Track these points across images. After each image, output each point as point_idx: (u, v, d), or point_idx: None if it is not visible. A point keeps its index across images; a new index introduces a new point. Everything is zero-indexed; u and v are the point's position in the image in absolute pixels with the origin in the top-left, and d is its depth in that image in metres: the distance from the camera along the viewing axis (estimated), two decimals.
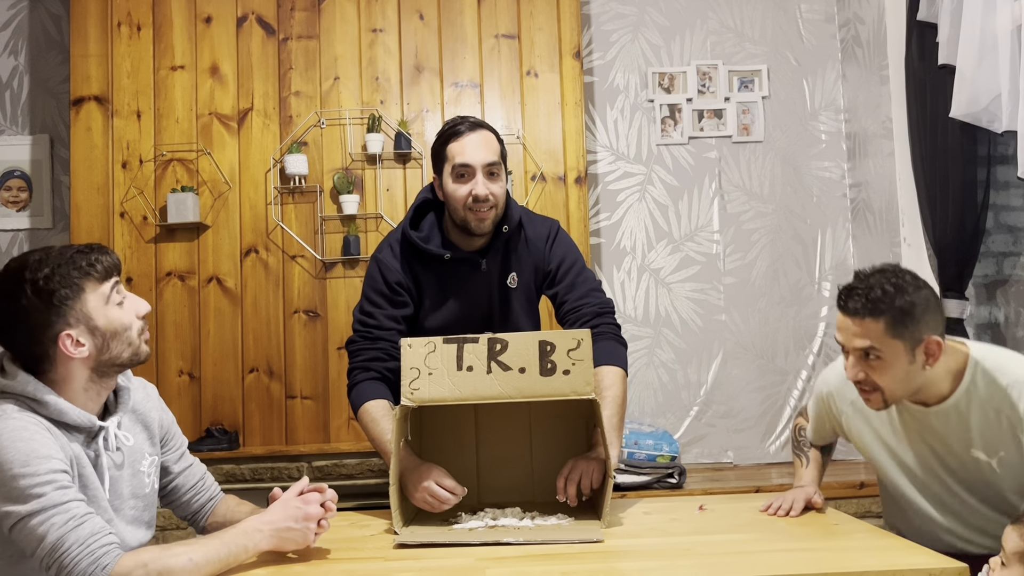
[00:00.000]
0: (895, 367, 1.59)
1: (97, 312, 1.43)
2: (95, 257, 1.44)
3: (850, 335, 1.61)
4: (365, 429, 1.88)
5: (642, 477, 2.95)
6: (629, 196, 3.64)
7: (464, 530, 1.62)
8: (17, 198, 3.56)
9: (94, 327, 1.42)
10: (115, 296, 1.46)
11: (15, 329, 1.40)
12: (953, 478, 1.72)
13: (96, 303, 1.43)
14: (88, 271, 1.42)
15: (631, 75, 3.67)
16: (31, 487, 1.30)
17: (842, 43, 3.68)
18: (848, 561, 1.33)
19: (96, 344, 1.43)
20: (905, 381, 1.61)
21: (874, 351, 1.58)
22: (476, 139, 1.92)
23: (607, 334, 1.98)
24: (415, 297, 2.00)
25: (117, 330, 1.44)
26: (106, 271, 1.44)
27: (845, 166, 3.67)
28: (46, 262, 1.40)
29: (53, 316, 1.39)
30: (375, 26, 3.42)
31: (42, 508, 1.29)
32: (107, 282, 1.45)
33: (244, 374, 3.30)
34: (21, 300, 1.38)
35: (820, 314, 3.62)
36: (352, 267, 3.35)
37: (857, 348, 1.60)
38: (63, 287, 1.39)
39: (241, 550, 1.41)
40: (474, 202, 1.90)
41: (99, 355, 1.44)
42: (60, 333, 1.39)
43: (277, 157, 3.35)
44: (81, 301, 1.41)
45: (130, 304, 1.48)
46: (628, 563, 1.41)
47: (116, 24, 3.35)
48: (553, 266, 2.06)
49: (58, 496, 1.31)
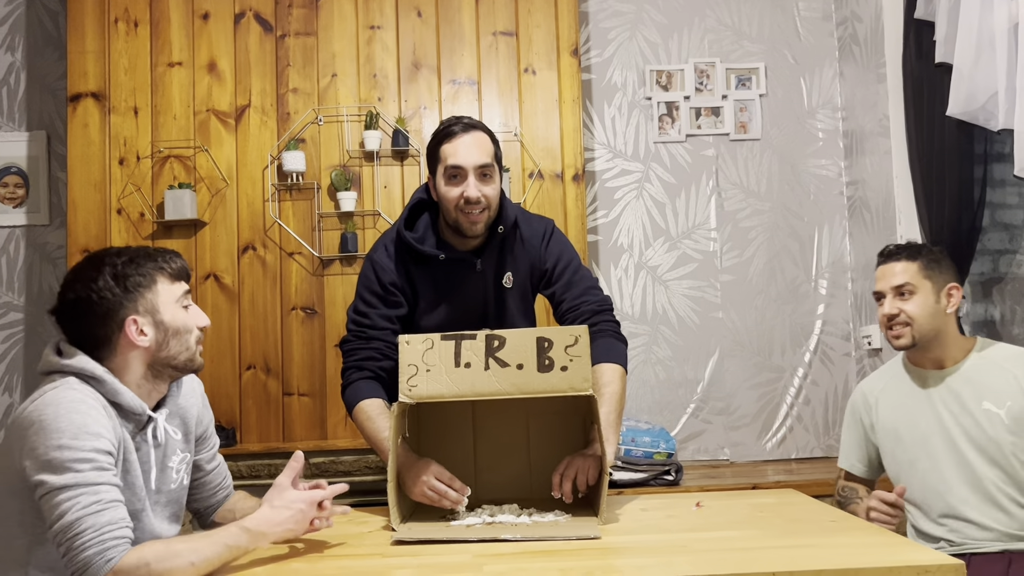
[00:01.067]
0: (925, 302, 1.98)
1: (165, 307, 1.51)
2: (170, 257, 1.55)
3: (889, 276, 2.02)
4: (360, 427, 1.88)
5: (639, 474, 2.96)
6: (626, 194, 3.65)
7: (462, 527, 1.62)
8: (14, 194, 3.56)
9: (159, 320, 1.50)
10: (183, 299, 1.54)
11: (87, 310, 1.47)
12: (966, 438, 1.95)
13: (166, 298, 1.52)
14: (163, 267, 1.52)
15: (629, 73, 3.68)
16: (70, 461, 1.33)
17: (839, 41, 3.69)
18: (845, 557, 1.34)
19: (158, 338, 1.50)
20: (931, 317, 1.98)
21: (908, 286, 1.99)
22: (469, 140, 1.92)
23: (607, 331, 1.98)
24: (410, 297, 2.00)
25: (179, 329, 1.52)
26: (178, 273, 1.55)
27: (842, 164, 3.67)
28: (126, 252, 1.51)
29: (125, 300, 1.47)
30: (373, 23, 3.42)
31: (74, 484, 1.32)
32: (178, 283, 1.55)
33: (241, 371, 3.30)
34: (98, 281, 1.46)
35: (817, 311, 3.63)
36: (350, 264, 3.35)
37: (895, 285, 2.00)
38: (138, 274, 1.49)
39: (242, 552, 1.42)
40: (465, 204, 1.90)
41: (158, 350, 1.51)
42: (128, 317, 1.47)
43: (275, 154, 3.35)
44: (152, 292, 1.50)
45: (194, 312, 1.57)
46: (625, 559, 1.41)
47: (113, 20, 3.34)
48: (549, 265, 2.06)
49: (92, 476, 1.34)
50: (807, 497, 1.92)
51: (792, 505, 1.83)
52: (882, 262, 2.06)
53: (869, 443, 2.14)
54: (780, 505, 1.83)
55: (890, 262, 2.04)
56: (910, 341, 2.00)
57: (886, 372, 2.17)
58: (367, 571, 1.41)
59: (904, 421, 2.05)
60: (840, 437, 2.26)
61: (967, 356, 2.02)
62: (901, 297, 2.00)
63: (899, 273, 2.00)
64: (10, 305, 3.54)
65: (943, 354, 2.03)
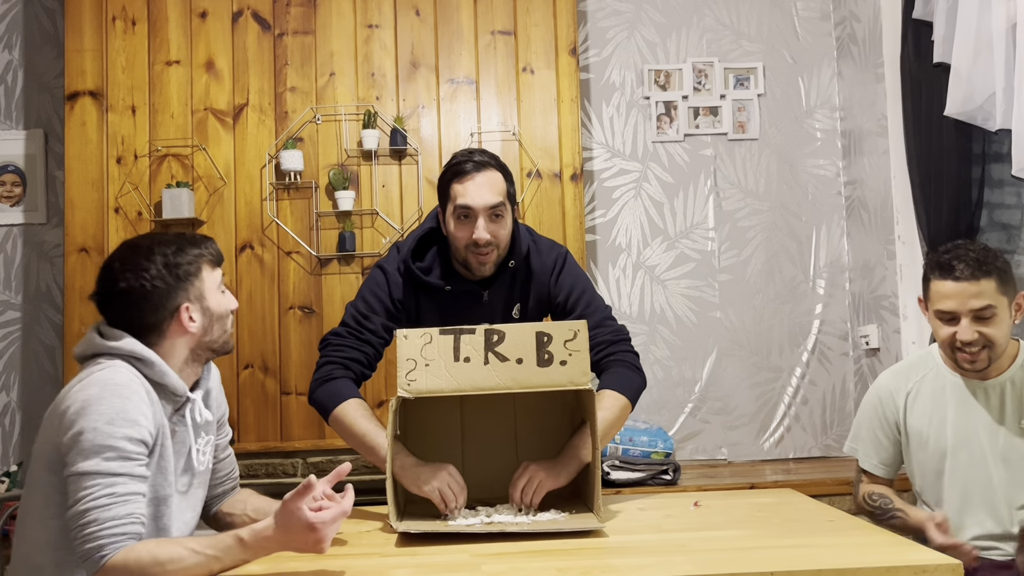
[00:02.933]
0: (1005, 321, 1.79)
1: (210, 293, 1.58)
2: (209, 243, 1.60)
3: (965, 298, 1.77)
4: (347, 426, 1.83)
5: (637, 473, 2.95)
6: (624, 193, 3.64)
7: (461, 526, 1.61)
8: (11, 193, 3.55)
9: (206, 307, 1.57)
10: (222, 284, 1.61)
11: (141, 299, 1.51)
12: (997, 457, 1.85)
13: (210, 285, 1.58)
14: (204, 254, 1.58)
15: (627, 72, 3.67)
16: (98, 446, 1.37)
17: (838, 41, 3.69)
18: (843, 557, 1.34)
19: (204, 323, 1.56)
20: (1007, 336, 1.81)
21: (991, 308, 1.77)
22: (481, 180, 1.88)
23: (624, 362, 1.93)
24: (413, 319, 2.00)
25: (222, 315, 1.59)
26: (217, 258, 1.61)
27: (840, 164, 3.67)
28: (173, 241, 1.57)
29: (179, 289, 1.53)
30: (371, 22, 3.42)
31: (95, 472, 1.36)
32: (217, 269, 1.60)
33: (239, 370, 3.29)
34: (150, 271, 1.51)
35: (815, 311, 3.63)
36: (347, 263, 3.34)
37: (974, 308, 1.77)
38: (187, 263, 1.55)
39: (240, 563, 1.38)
40: (475, 246, 1.89)
41: (203, 335, 1.57)
42: (181, 305, 1.53)
43: (272, 153, 3.35)
44: (200, 279, 1.56)
45: (228, 296, 1.63)
46: (623, 559, 1.41)
47: (111, 19, 3.33)
48: (561, 298, 2.02)
49: (115, 466, 1.37)
50: (805, 497, 1.92)
51: (790, 505, 1.83)
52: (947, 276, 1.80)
53: (895, 443, 2.01)
54: (778, 505, 1.83)
55: (963, 281, 1.77)
56: (986, 364, 1.81)
57: (916, 369, 1.99)
58: (366, 570, 1.41)
59: (934, 428, 1.92)
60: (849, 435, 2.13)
61: (1012, 363, 1.86)
62: (981, 320, 1.77)
63: (979, 295, 1.76)
64: (7, 304, 3.53)
65: (994, 367, 1.86)
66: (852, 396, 3.59)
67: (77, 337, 3.23)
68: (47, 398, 3.46)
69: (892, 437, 2.01)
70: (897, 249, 3.21)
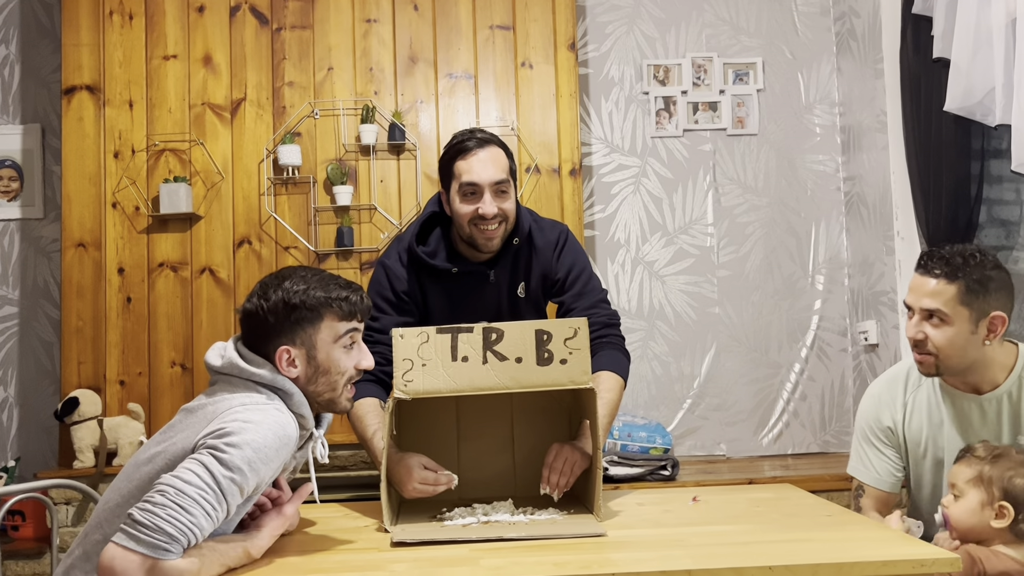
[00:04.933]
0: (956, 334, 1.66)
1: (323, 344, 1.51)
2: (347, 295, 1.52)
3: (920, 294, 1.69)
4: (353, 426, 1.87)
5: (635, 469, 2.95)
6: (623, 188, 3.64)
7: (457, 527, 1.60)
8: (8, 188, 3.54)
9: (312, 355, 1.51)
10: (346, 339, 1.53)
11: (256, 326, 1.51)
12: None
13: (326, 336, 1.51)
14: (333, 304, 1.51)
15: (626, 67, 3.67)
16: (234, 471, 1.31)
17: (837, 36, 3.68)
18: (841, 552, 1.34)
19: (307, 372, 1.51)
20: (962, 350, 1.67)
21: (940, 313, 1.66)
22: (484, 156, 1.89)
23: (614, 344, 1.97)
24: (421, 307, 2.00)
25: (330, 370, 1.52)
26: (350, 312, 1.53)
27: (839, 159, 3.67)
28: (306, 279, 1.52)
29: (285, 328, 1.49)
30: (369, 16, 3.41)
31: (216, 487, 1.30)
32: (346, 322, 1.53)
33: None
34: (271, 301, 1.49)
35: (813, 307, 3.63)
36: (345, 258, 3.34)
37: (924, 308, 1.68)
38: (306, 308, 1.49)
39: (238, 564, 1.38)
40: (480, 220, 1.89)
41: (306, 384, 1.51)
42: (281, 346, 1.49)
43: (270, 148, 3.34)
44: (314, 328, 1.50)
45: (356, 354, 1.56)
46: (622, 554, 1.41)
47: (108, 13, 3.32)
48: (561, 275, 2.04)
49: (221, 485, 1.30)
50: (803, 492, 1.92)
51: (788, 500, 1.83)
52: (919, 270, 1.72)
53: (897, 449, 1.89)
54: (776, 500, 1.83)
55: (926, 276, 1.68)
56: (932, 372, 1.72)
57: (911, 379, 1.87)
58: (365, 565, 1.40)
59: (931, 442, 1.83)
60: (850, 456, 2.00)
61: (1008, 375, 1.73)
62: (930, 320, 1.68)
63: (931, 294, 1.66)
64: (4, 299, 3.53)
65: (980, 380, 1.74)
66: (851, 392, 3.59)
67: (74, 332, 3.22)
68: (44, 393, 3.47)
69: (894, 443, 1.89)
70: (896, 245, 3.21)
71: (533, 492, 1.76)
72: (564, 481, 1.72)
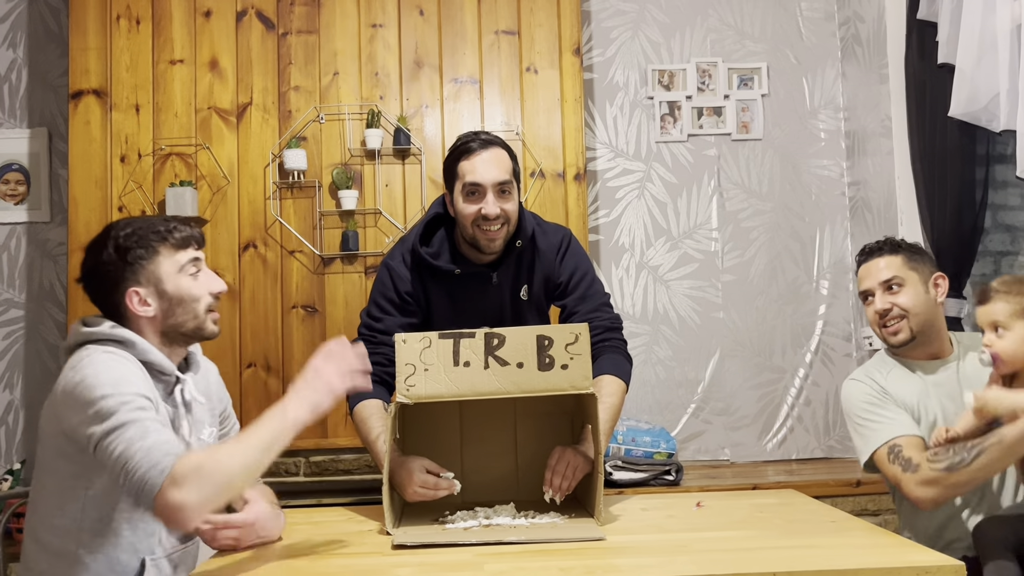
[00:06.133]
0: (916, 292, 1.93)
1: (168, 277, 1.54)
2: (174, 226, 1.56)
3: (875, 272, 1.97)
4: (357, 429, 1.89)
5: (639, 474, 2.95)
6: (628, 193, 3.64)
7: (459, 530, 1.60)
8: (15, 191, 3.56)
9: (162, 290, 1.54)
10: (189, 267, 1.56)
11: (95, 280, 1.55)
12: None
13: (168, 268, 1.54)
14: (165, 236, 1.54)
15: (631, 72, 3.67)
16: (113, 406, 1.38)
17: (842, 41, 3.68)
18: (845, 558, 1.34)
19: (162, 307, 1.54)
20: (925, 307, 1.93)
21: (897, 279, 1.94)
22: (487, 157, 1.90)
23: (616, 349, 1.97)
24: (424, 308, 2.00)
25: (184, 298, 1.55)
26: (183, 241, 1.56)
27: (844, 164, 3.67)
28: (132, 224, 1.55)
29: (126, 272, 1.53)
30: (375, 21, 3.42)
31: (119, 424, 1.37)
32: (183, 251, 1.56)
33: (242, 369, 3.29)
34: (103, 254, 1.53)
35: (818, 312, 3.62)
36: (350, 263, 3.35)
37: (883, 280, 1.95)
38: (139, 247, 1.53)
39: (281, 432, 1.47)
40: (483, 220, 1.89)
41: (165, 319, 1.55)
42: (128, 289, 1.52)
43: (276, 152, 3.35)
44: (154, 263, 1.54)
45: (204, 279, 1.59)
46: (625, 559, 1.41)
47: (115, 17, 3.34)
48: (564, 278, 2.04)
49: (135, 415, 1.38)
50: (807, 497, 1.91)
51: (792, 506, 1.83)
52: (863, 260, 2.02)
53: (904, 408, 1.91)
54: (780, 505, 1.83)
55: (872, 259, 1.99)
56: (908, 335, 1.93)
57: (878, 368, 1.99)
58: (368, 569, 1.41)
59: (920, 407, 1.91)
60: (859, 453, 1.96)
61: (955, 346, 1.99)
62: (891, 291, 1.94)
63: (884, 268, 1.96)
64: (11, 302, 3.54)
65: (940, 346, 1.98)
66: None
67: None
68: None
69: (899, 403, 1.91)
70: None
71: (535, 496, 1.76)
72: (566, 484, 1.72)
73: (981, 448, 1.68)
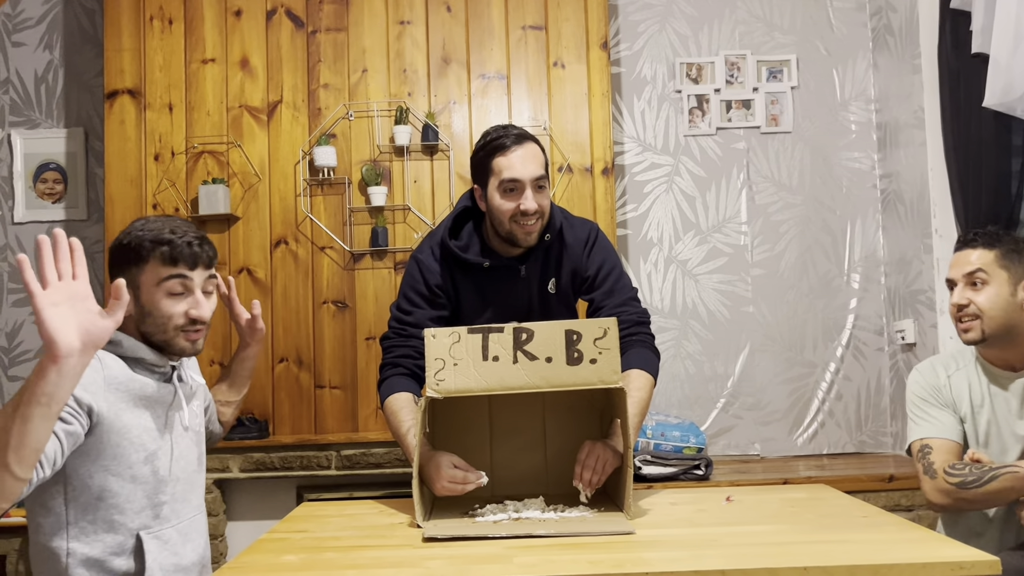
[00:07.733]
0: (998, 293, 1.83)
1: (145, 287, 1.57)
2: (171, 239, 1.56)
3: (963, 263, 1.88)
4: (387, 421, 1.91)
5: (668, 468, 2.95)
6: (656, 187, 3.63)
7: (488, 523, 1.62)
8: (53, 190, 3.63)
9: (137, 296, 1.58)
10: (170, 284, 1.57)
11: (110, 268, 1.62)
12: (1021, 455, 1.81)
13: (148, 279, 1.57)
14: (158, 246, 1.56)
15: (658, 66, 3.66)
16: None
17: (873, 32, 3.64)
18: (878, 553, 1.33)
19: (136, 313, 1.58)
20: (1004, 311, 1.83)
21: (981, 273, 1.84)
22: (524, 153, 1.90)
23: (644, 343, 1.97)
24: (453, 301, 2.02)
25: (152, 313, 1.58)
26: (172, 258, 1.56)
27: (875, 156, 3.62)
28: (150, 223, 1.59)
29: (119, 268, 1.58)
30: (403, 18, 3.44)
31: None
32: (168, 267, 1.56)
33: (274, 364, 3.34)
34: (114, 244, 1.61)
35: (849, 306, 3.59)
36: (380, 258, 3.37)
37: (967, 273, 1.86)
38: (131, 249, 1.57)
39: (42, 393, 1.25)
40: (522, 216, 1.90)
41: (137, 324, 1.59)
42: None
43: (306, 149, 3.38)
44: (139, 269, 1.57)
45: (188, 302, 1.59)
46: (655, 553, 1.41)
47: (148, 18, 3.39)
48: (591, 272, 2.05)
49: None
50: (838, 492, 1.90)
51: (823, 500, 1.81)
52: (958, 248, 1.92)
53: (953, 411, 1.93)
54: (811, 500, 1.82)
55: (966, 248, 1.89)
56: (979, 336, 1.84)
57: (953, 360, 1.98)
58: (400, 561, 1.42)
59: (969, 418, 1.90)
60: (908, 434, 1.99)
61: None
62: (973, 287, 1.85)
63: (973, 260, 1.85)
64: None
65: (1016, 355, 1.86)
66: (887, 392, 3.55)
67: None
68: None
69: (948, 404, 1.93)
70: (934, 243, 3.16)
71: (564, 489, 1.77)
72: (596, 478, 1.73)
73: (995, 474, 1.74)
